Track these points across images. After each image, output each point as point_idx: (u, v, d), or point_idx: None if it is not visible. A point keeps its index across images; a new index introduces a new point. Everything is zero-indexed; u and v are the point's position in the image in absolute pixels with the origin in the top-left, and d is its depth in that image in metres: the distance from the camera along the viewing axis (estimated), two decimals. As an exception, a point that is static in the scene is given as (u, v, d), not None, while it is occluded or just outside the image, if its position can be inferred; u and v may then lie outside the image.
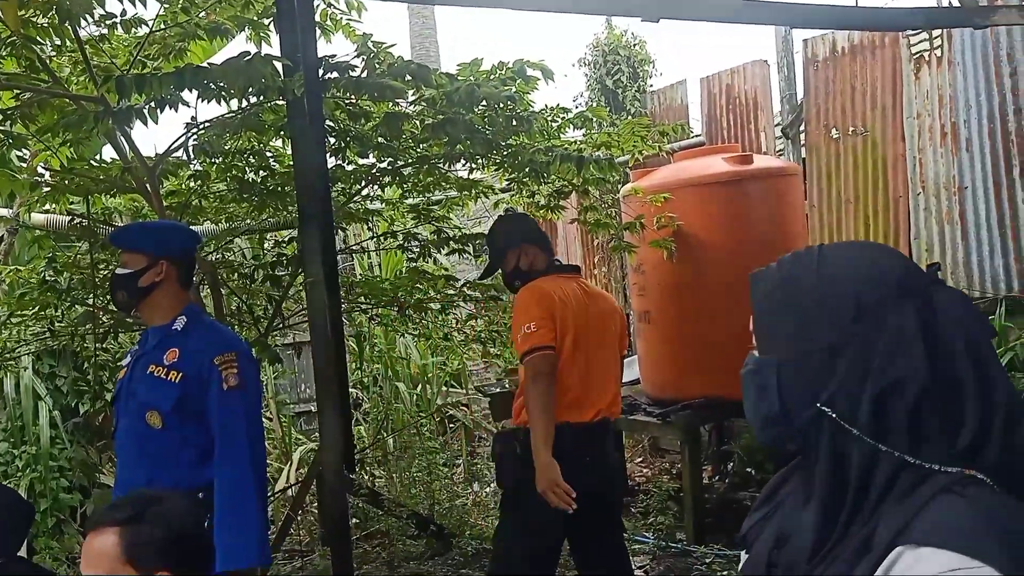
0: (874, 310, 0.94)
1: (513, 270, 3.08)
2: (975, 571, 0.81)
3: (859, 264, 0.99)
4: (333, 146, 3.59)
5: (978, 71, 5.13)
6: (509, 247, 3.10)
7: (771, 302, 1.02)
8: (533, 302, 2.86)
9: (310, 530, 5.27)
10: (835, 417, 0.93)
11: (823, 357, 0.95)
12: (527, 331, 2.77)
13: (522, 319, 2.82)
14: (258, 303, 3.79)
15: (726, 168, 4.70)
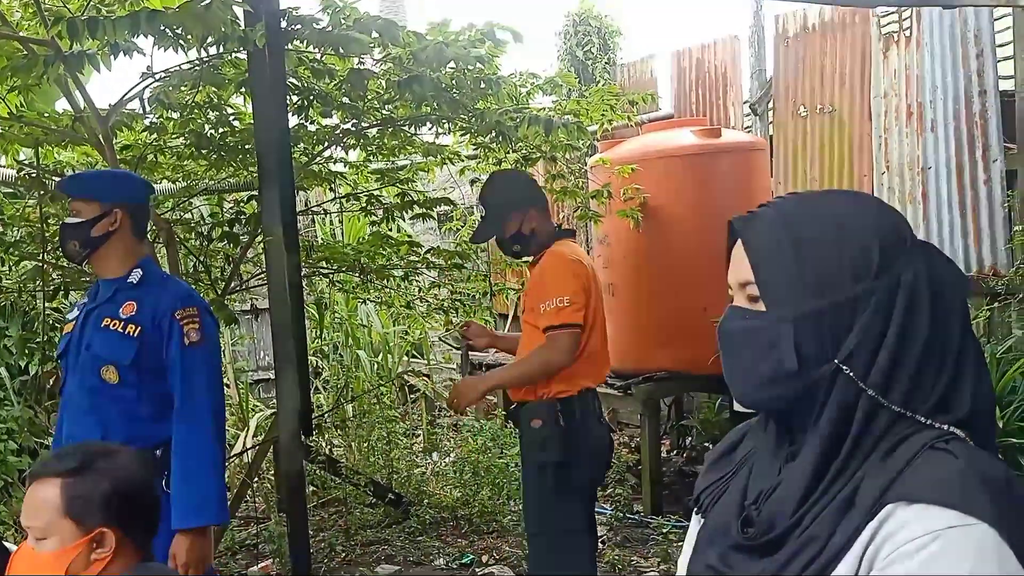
0: (891, 263, 0.90)
1: (515, 234, 2.87)
2: (970, 527, 0.80)
3: (871, 214, 0.95)
4: (296, 104, 3.50)
5: (945, 52, 5.16)
6: (513, 208, 2.86)
7: (780, 251, 0.93)
8: (570, 274, 2.73)
9: (267, 497, 5.22)
10: (851, 374, 0.89)
11: (845, 312, 0.90)
12: (560, 304, 2.65)
13: (556, 289, 2.68)
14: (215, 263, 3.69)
15: (694, 141, 4.68)
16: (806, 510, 0.89)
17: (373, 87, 3.50)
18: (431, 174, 4.77)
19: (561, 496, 2.71)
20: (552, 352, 2.65)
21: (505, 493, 4.83)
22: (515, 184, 2.94)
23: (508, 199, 2.87)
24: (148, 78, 3.04)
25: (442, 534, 4.64)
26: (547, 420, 2.71)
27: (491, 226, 2.91)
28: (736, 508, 0.98)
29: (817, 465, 0.90)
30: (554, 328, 2.64)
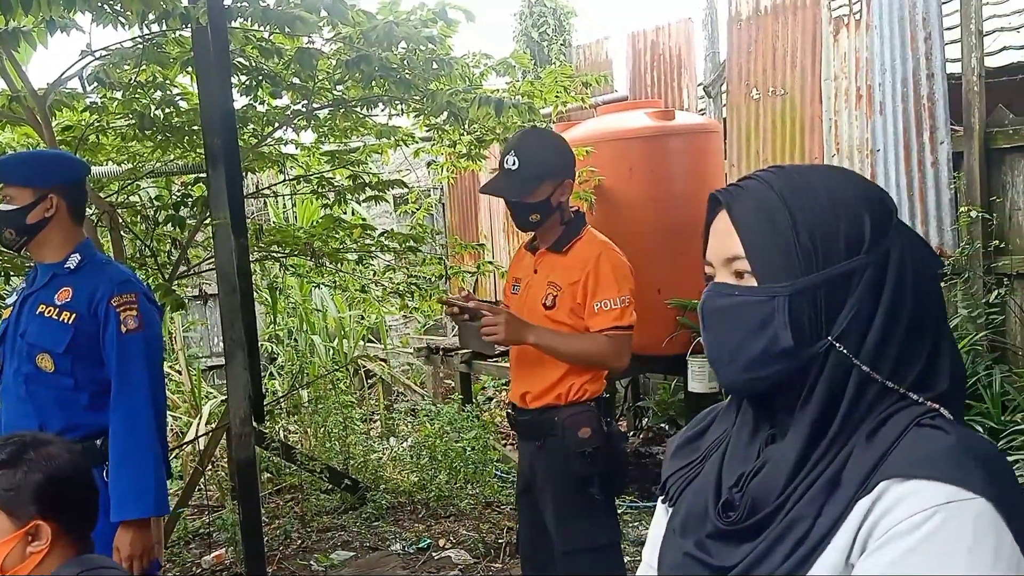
0: (880, 237, 0.89)
1: (543, 202, 2.46)
2: (967, 501, 0.79)
3: (860, 187, 0.93)
4: (244, 84, 3.42)
5: (894, 35, 5.23)
6: (552, 174, 2.47)
7: (773, 223, 0.89)
8: (630, 271, 2.48)
9: (220, 485, 5.15)
10: (844, 351, 0.87)
11: (839, 286, 0.87)
12: (624, 304, 2.40)
13: (620, 288, 2.42)
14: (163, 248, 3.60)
15: (648, 123, 4.70)
16: (791, 491, 0.86)
17: (323, 67, 3.44)
18: (385, 156, 4.71)
19: (605, 509, 2.50)
20: (616, 355, 2.40)
21: (462, 476, 4.83)
22: (559, 147, 2.55)
23: (550, 161, 2.48)
24: (88, 56, 2.95)
25: (399, 519, 4.63)
26: (594, 427, 2.41)
27: (520, 184, 2.45)
28: (713, 493, 0.94)
29: (806, 443, 0.87)
30: (620, 329, 2.39)
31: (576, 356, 2.42)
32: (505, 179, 2.49)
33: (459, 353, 6.05)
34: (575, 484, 2.43)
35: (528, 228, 2.55)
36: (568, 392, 2.46)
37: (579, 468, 2.40)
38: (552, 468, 2.48)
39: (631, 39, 7.08)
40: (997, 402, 4.24)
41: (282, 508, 4.91)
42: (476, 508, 4.58)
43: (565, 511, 2.47)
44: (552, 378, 2.48)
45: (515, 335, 2.39)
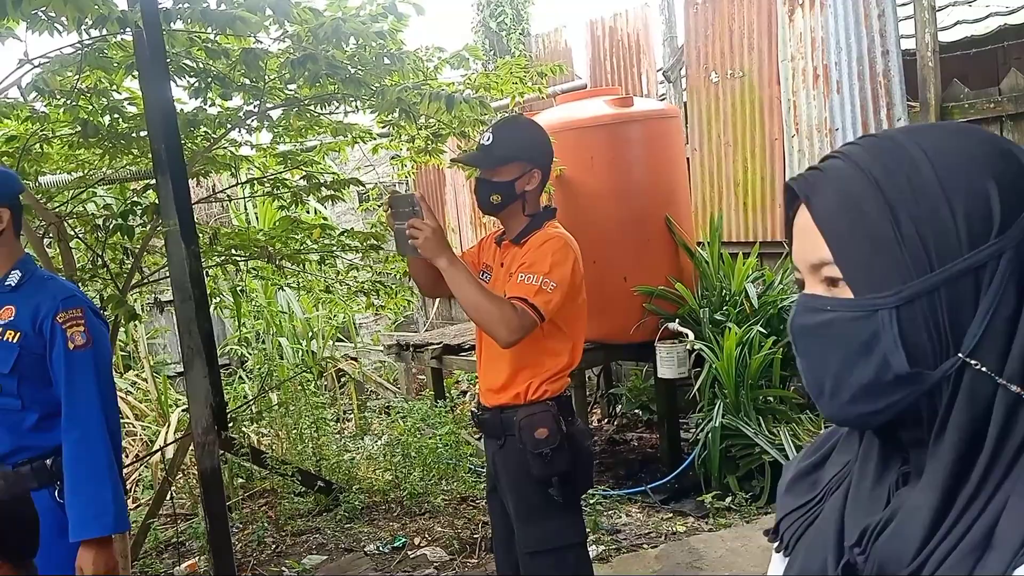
0: (1013, 211, 0.67)
1: (507, 184, 2.43)
2: None
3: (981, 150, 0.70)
4: (193, 86, 3.35)
5: (848, 13, 5.24)
6: (523, 157, 2.43)
7: (865, 216, 0.69)
8: (569, 263, 2.39)
9: (191, 492, 5.09)
10: (982, 368, 0.67)
11: (964, 287, 0.67)
12: (545, 286, 2.30)
13: (549, 271, 2.33)
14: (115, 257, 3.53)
15: (607, 111, 4.68)
16: (929, 553, 0.67)
17: (273, 67, 3.38)
18: (343, 154, 4.65)
19: (568, 508, 2.45)
20: (506, 325, 2.26)
21: (435, 473, 4.81)
22: (536, 136, 2.50)
23: (523, 145, 2.45)
24: (26, 64, 2.87)
25: (374, 518, 4.60)
26: (551, 428, 2.37)
27: (488, 158, 2.43)
28: (833, 549, 0.76)
29: (946, 489, 0.68)
30: (527, 304, 2.29)
31: (473, 304, 2.29)
32: (477, 152, 2.49)
33: (430, 349, 6.01)
34: (534, 485, 2.40)
35: (489, 210, 2.51)
36: (527, 391, 2.41)
37: (536, 469, 2.36)
38: (511, 468, 2.45)
39: (590, 26, 7.07)
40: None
41: (255, 513, 4.86)
42: (451, 504, 4.56)
43: (526, 511, 2.44)
44: (506, 373, 2.43)
45: (432, 250, 2.29)
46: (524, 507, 2.45)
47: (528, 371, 2.42)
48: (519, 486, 2.44)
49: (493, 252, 2.61)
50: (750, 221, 5.96)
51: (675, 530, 4.12)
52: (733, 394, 4.43)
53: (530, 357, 2.42)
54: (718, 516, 4.13)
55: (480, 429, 2.64)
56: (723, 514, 4.14)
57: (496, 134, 2.45)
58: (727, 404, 4.44)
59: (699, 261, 5.06)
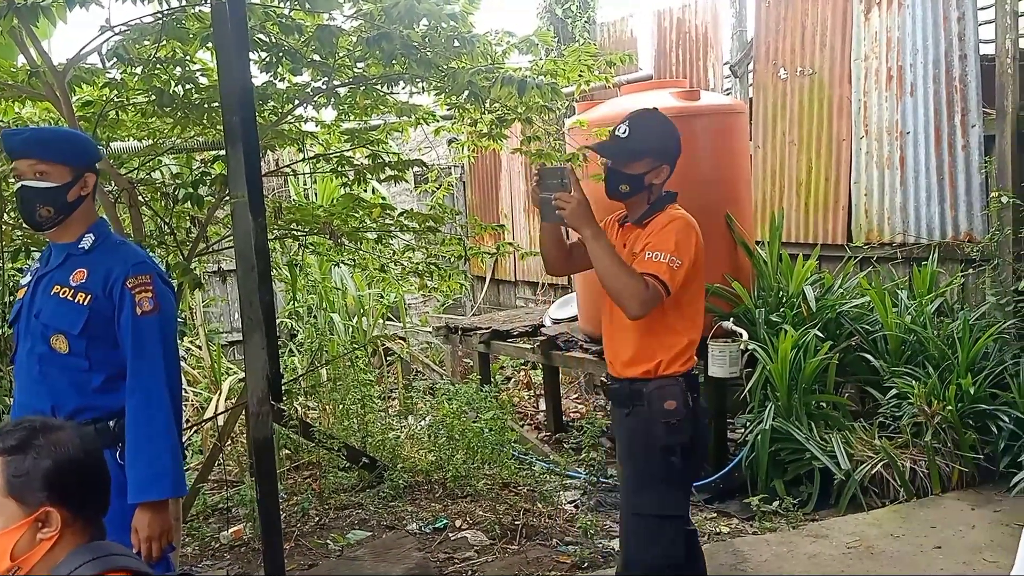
0: None
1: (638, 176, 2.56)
2: None
3: None
4: (264, 60, 3.38)
5: (927, 15, 5.10)
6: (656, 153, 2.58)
7: None
8: (692, 242, 2.51)
9: (239, 460, 5.18)
10: None
11: None
12: (672, 263, 2.43)
13: (676, 249, 2.45)
14: (182, 225, 3.59)
15: (673, 103, 4.61)
16: None
17: (344, 44, 3.39)
18: (405, 134, 4.67)
19: (681, 482, 2.62)
20: (638, 300, 2.39)
21: (479, 457, 4.82)
22: (670, 132, 2.64)
23: (656, 140, 2.60)
24: (107, 31, 2.92)
25: (416, 498, 4.64)
26: (680, 400, 2.53)
27: (623, 151, 2.58)
28: None
29: None
30: (657, 280, 2.41)
31: (612, 277, 2.43)
32: (612, 144, 2.64)
33: (478, 333, 6.03)
34: (655, 452, 2.54)
35: (616, 197, 2.64)
36: (657, 368, 2.54)
37: (662, 437, 2.51)
38: (636, 435, 2.59)
39: (657, 16, 6.97)
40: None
41: (300, 485, 4.93)
42: (493, 489, 4.57)
43: (641, 477, 2.59)
44: (634, 347, 2.56)
45: (578, 220, 2.47)
46: (641, 473, 2.60)
47: (653, 345, 2.55)
48: (640, 453, 2.59)
49: (616, 232, 2.71)
50: (811, 222, 5.84)
51: (719, 530, 4.08)
52: (785, 397, 4.36)
53: (653, 332, 2.54)
54: (764, 519, 4.07)
55: (608, 397, 2.83)
56: (769, 518, 4.08)
57: (632, 128, 2.60)
58: (778, 407, 4.37)
59: (757, 260, 4.98)
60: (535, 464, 5.02)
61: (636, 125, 2.60)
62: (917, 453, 4.14)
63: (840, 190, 5.66)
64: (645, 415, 2.56)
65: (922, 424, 4.13)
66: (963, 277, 4.87)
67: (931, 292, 4.77)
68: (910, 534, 3.64)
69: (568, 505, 4.54)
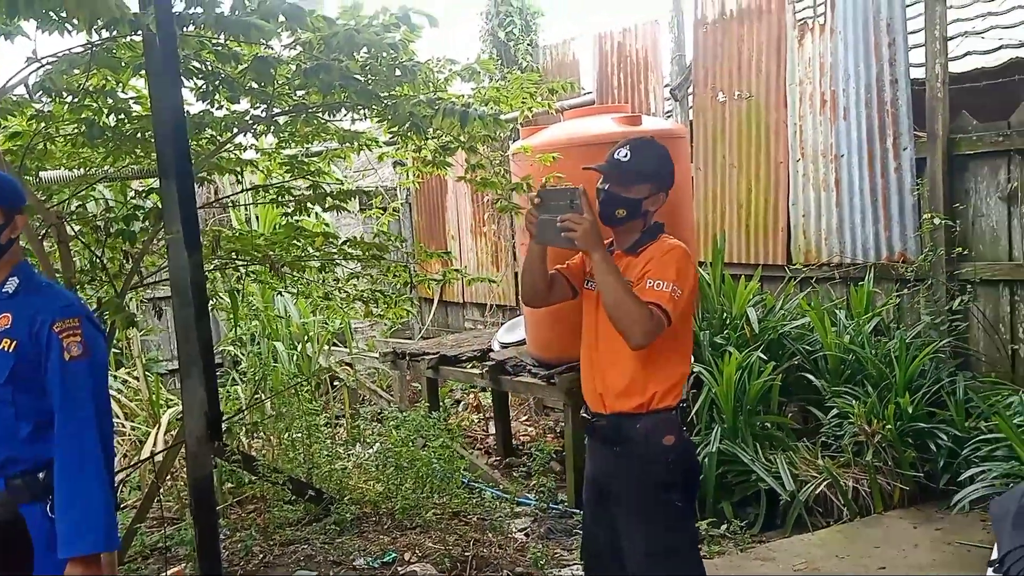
0: None
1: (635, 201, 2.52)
2: None
3: None
4: (200, 89, 3.31)
5: (858, 41, 5.24)
6: (654, 180, 2.56)
7: None
8: (691, 272, 2.50)
9: (180, 496, 5.03)
10: None
11: None
12: (674, 292, 2.39)
13: (677, 278, 2.42)
14: (115, 258, 3.48)
15: (615, 128, 4.65)
16: None
17: (283, 72, 3.34)
18: (348, 160, 4.62)
19: (686, 513, 2.56)
20: (643, 329, 2.34)
21: (428, 486, 4.76)
22: (668, 163, 2.63)
23: (657, 167, 2.58)
24: (34, 63, 2.83)
25: (364, 530, 4.55)
26: (677, 435, 2.49)
27: (624, 174, 2.54)
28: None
29: None
30: (661, 311, 2.37)
31: (619, 305, 2.37)
32: (613, 166, 2.58)
33: (426, 358, 5.97)
34: (655, 490, 2.47)
35: (611, 222, 2.58)
36: (651, 400, 2.47)
37: (662, 473, 2.46)
38: (632, 474, 2.50)
39: (598, 40, 7.05)
40: (961, 409, 4.27)
41: (244, 520, 4.80)
42: (442, 519, 4.51)
43: (645, 516, 2.49)
44: (628, 378, 2.47)
45: (589, 243, 2.41)
46: (643, 512, 2.49)
47: (647, 377, 2.47)
48: (639, 492, 2.49)
49: None
50: (752, 243, 5.94)
51: (668, 555, 4.08)
52: (731, 419, 4.40)
53: (649, 363, 2.47)
54: (712, 543, 4.09)
55: (592, 436, 2.65)
56: (717, 541, 4.10)
57: (633, 152, 2.57)
58: (724, 429, 4.41)
59: (700, 282, 5.03)
60: (485, 492, 4.98)
61: (637, 150, 2.57)
62: (859, 472, 4.21)
63: (779, 212, 5.77)
64: (641, 452, 2.48)
65: (863, 443, 4.21)
66: (898, 297, 5.00)
67: (868, 312, 4.87)
68: (855, 555, 3.69)
69: (519, 534, 4.50)
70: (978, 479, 3.92)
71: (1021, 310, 4.62)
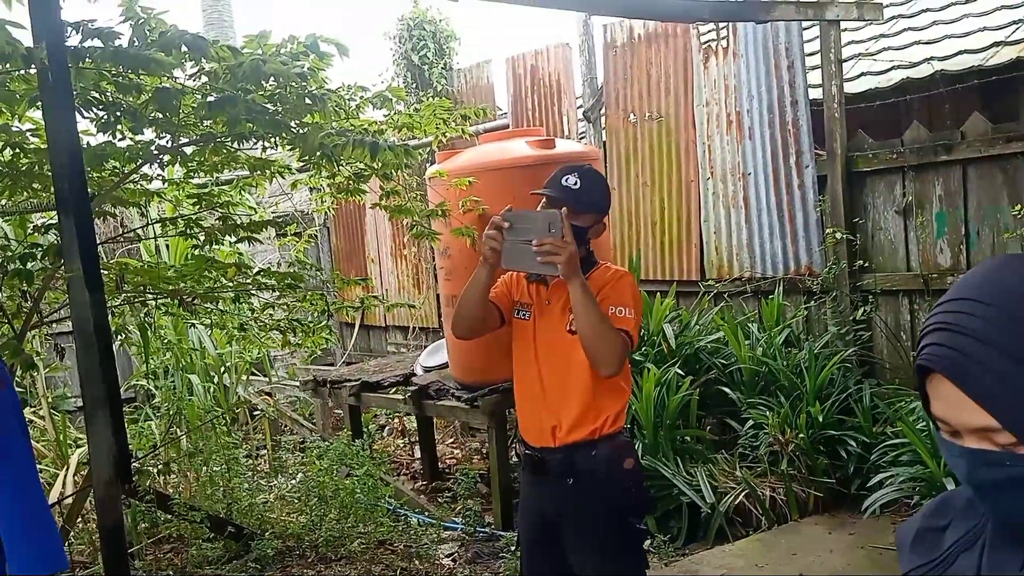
0: None
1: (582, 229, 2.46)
2: None
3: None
4: (102, 120, 3.22)
5: (760, 63, 5.44)
6: (599, 208, 2.55)
7: (1019, 367, 0.78)
8: (639, 298, 2.52)
9: (91, 539, 4.82)
10: None
11: None
12: (635, 319, 2.42)
13: (634, 307, 2.43)
14: (12, 296, 3.34)
15: (529, 152, 4.70)
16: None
17: (189, 102, 3.27)
18: (261, 188, 4.54)
19: (640, 538, 2.52)
20: (615, 355, 2.33)
21: (353, 516, 4.68)
22: (608, 192, 2.66)
23: (601, 196, 2.57)
24: (-82, 97, 2.71)
25: (287, 565, 4.44)
26: (635, 458, 2.47)
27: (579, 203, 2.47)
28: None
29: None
30: (627, 336, 2.37)
31: (596, 331, 2.32)
32: (564, 194, 2.49)
33: (347, 386, 5.89)
34: (613, 518, 2.43)
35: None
36: (603, 425, 2.43)
37: (624, 499, 2.44)
38: (588, 504, 2.44)
39: (510, 63, 7.12)
40: (868, 416, 4.44)
41: (160, 560, 4.63)
42: (368, 549, 4.45)
43: (601, 546, 2.44)
44: (580, 408, 2.43)
45: (570, 269, 2.32)
46: (600, 542, 2.44)
47: (600, 404, 2.44)
48: (598, 522, 2.44)
49: (527, 289, 2.61)
50: (667, 260, 6.07)
51: (594, 573, 4.11)
52: (651, 434, 4.48)
53: (602, 389, 2.44)
54: (637, 558, 4.14)
55: (537, 471, 2.55)
56: (642, 556, 4.15)
57: (582, 181, 2.52)
58: (645, 444, 4.47)
59: (618, 301, 5.11)
60: (411, 518, 4.93)
61: (585, 177, 2.53)
62: (776, 481, 4.34)
63: (692, 229, 5.92)
64: (602, 479, 2.43)
65: (778, 452, 4.33)
66: (806, 309, 5.18)
67: (779, 324, 5.03)
68: (773, 563, 3.79)
69: (446, 559, 4.47)
70: (887, 483, 4.08)
71: (920, 318, 4.85)
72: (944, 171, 4.69)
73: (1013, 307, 0.79)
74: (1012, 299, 0.80)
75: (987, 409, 0.79)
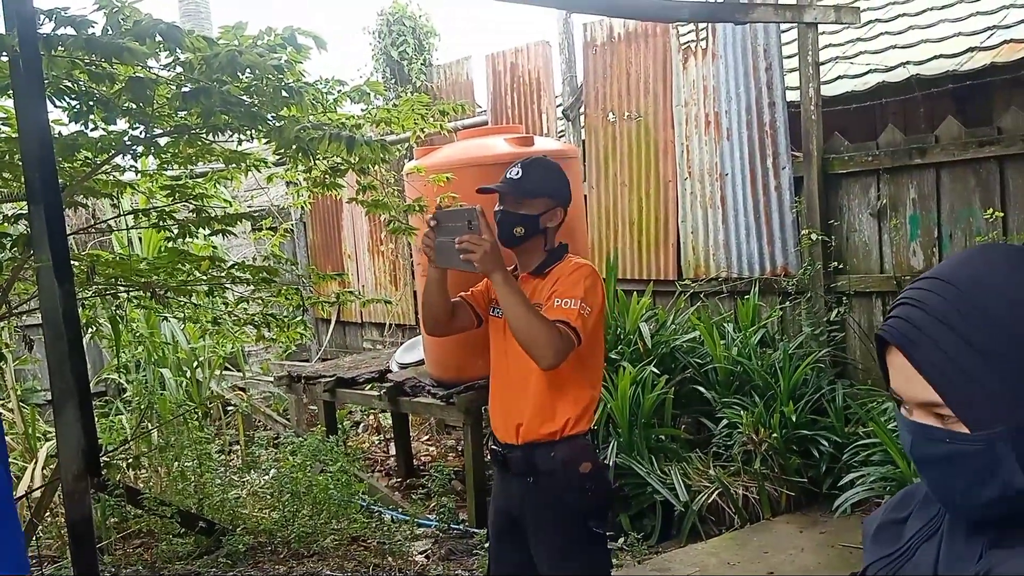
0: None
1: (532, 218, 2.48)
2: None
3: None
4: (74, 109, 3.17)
5: (738, 65, 5.47)
6: (551, 195, 2.52)
7: (971, 365, 0.81)
8: (599, 290, 2.46)
9: (60, 533, 4.76)
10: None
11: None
12: (582, 310, 2.35)
13: (585, 295, 2.38)
14: (-19, 288, 3.28)
15: (507, 149, 4.70)
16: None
17: (163, 92, 3.23)
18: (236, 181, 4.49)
19: (602, 540, 2.49)
20: (553, 349, 2.28)
21: (326, 512, 4.66)
22: (562, 176, 2.60)
23: (550, 182, 2.54)
24: None
25: (259, 561, 4.41)
26: (593, 461, 2.44)
27: (518, 191, 2.50)
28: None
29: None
30: (568, 328, 2.32)
31: (525, 323, 2.30)
32: (505, 185, 2.55)
33: (322, 381, 5.86)
34: (572, 519, 2.42)
35: (510, 243, 2.53)
36: (564, 427, 2.43)
37: (581, 503, 2.41)
38: (547, 504, 2.45)
39: (490, 60, 7.11)
40: (840, 416, 4.48)
41: (130, 556, 4.58)
42: (341, 546, 4.43)
43: (563, 547, 2.44)
44: (537, 406, 2.43)
45: (489, 264, 2.33)
46: (560, 543, 2.45)
47: (558, 402, 2.43)
48: (556, 522, 2.45)
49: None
50: (644, 260, 6.09)
51: (568, 571, 4.12)
52: (627, 433, 4.49)
53: (559, 386, 2.43)
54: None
55: (502, 468, 2.57)
56: (616, 554, 4.16)
57: (525, 170, 2.54)
58: (620, 443, 4.49)
59: (595, 299, 5.12)
60: (385, 515, 4.91)
61: (529, 168, 2.55)
62: (749, 480, 4.36)
63: (669, 228, 5.94)
64: (560, 481, 2.43)
65: (751, 451, 4.36)
66: (781, 309, 5.22)
67: (754, 324, 5.07)
68: (745, 561, 3.82)
69: (419, 556, 4.46)
70: (858, 483, 4.12)
71: (892, 319, 4.89)
72: (918, 174, 4.74)
73: (976, 294, 0.82)
74: (977, 286, 0.83)
75: (931, 384, 0.83)
